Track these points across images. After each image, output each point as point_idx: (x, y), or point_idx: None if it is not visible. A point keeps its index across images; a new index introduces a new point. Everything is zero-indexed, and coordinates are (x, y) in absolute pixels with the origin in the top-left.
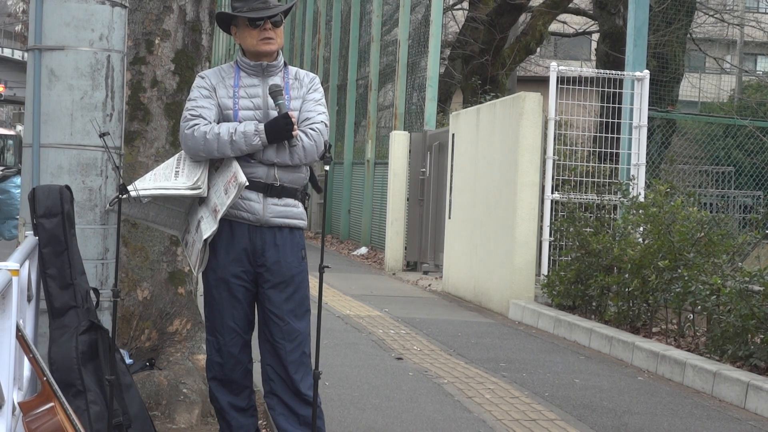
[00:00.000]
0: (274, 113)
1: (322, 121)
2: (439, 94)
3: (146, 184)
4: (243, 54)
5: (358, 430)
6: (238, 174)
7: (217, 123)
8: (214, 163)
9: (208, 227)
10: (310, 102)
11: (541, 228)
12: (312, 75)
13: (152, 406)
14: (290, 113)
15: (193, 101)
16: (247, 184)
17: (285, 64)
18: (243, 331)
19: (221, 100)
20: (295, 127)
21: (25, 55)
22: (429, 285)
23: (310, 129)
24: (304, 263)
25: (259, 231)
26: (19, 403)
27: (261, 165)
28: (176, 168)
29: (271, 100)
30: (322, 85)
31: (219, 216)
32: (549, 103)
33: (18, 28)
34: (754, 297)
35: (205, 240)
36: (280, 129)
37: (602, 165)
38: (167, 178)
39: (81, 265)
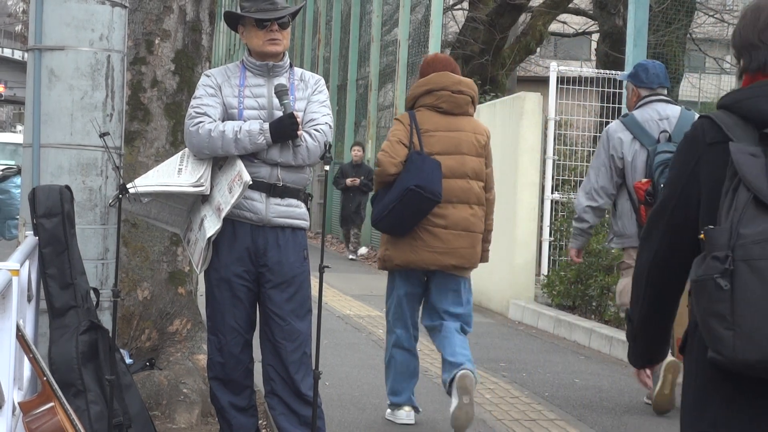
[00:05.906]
0: (278, 113)
1: (326, 123)
2: None
3: (149, 181)
4: (249, 54)
5: (358, 430)
6: (242, 173)
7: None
8: (217, 162)
9: (211, 225)
10: (314, 103)
11: (541, 228)
12: (317, 77)
13: (152, 406)
14: (295, 113)
15: (199, 99)
16: (251, 182)
17: (291, 65)
18: (244, 330)
19: (226, 99)
20: (300, 127)
21: (25, 55)
22: None
23: (315, 130)
24: (306, 264)
25: (261, 231)
26: (19, 403)
27: (264, 165)
28: (179, 165)
29: (275, 101)
30: None
31: (223, 215)
32: (549, 103)
33: (18, 28)
34: None
35: (209, 238)
36: (285, 128)
37: None
38: (170, 175)
39: (81, 265)
